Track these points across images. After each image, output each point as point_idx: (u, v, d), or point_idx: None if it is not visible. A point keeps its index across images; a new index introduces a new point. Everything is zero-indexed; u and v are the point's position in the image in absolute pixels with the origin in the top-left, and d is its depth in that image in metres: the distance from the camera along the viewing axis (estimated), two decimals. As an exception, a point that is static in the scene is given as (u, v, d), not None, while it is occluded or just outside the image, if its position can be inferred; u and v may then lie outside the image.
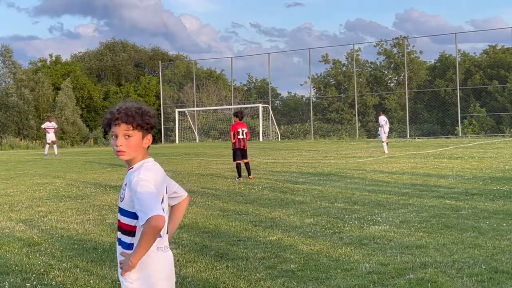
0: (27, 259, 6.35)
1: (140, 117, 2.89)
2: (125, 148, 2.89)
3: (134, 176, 2.82)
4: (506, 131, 36.75)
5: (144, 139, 2.92)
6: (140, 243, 2.73)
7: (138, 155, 2.92)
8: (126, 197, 2.86)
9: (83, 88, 56.37)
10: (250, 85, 60.44)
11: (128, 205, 2.85)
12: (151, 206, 2.71)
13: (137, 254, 2.74)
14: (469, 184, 11.67)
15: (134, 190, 2.77)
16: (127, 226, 2.88)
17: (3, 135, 44.14)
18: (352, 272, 5.47)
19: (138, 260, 2.76)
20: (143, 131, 2.91)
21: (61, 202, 10.76)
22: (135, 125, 2.88)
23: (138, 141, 2.90)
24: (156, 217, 2.68)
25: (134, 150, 2.90)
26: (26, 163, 22.25)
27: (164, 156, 23.57)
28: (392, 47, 51.34)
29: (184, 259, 6.18)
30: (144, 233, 2.70)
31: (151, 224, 2.67)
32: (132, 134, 2.89)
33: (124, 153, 2.90)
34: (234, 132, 14.28)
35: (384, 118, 22.59)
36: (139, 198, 2.74)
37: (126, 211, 2.87)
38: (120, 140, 2.89)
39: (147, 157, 2.95)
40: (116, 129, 2.90)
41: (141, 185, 2.76)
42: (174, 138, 45.61)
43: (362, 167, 15.69)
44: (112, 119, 2.93)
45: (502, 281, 5.05)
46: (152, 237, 2.72)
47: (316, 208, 9.27)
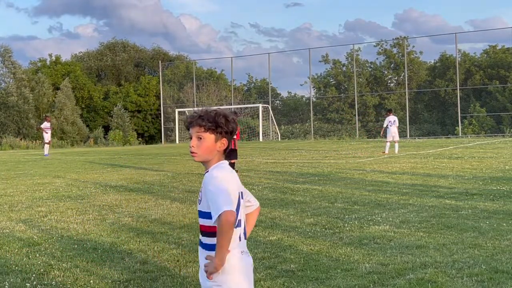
0: (27, 259, 6.35)
1: (213, 119, 2.92)
2: (197, 149, 2.94)
3: (207, 176, 2.88)
4: (506, 131, 36.75)
5: (218, 142, 2.94)
6: (217, 241, 2.77)
7: (211, 158, 2.96)
8: (203, 199, 2.90)
9: (83, 88, 56.37)
10: (250, 85, 60.48)
11: (205, 205, 2.88)
12: (221, 202, 2.75)
13: (217, 253, 2.78)
14: (469, 184, 11.66)
15: (206, 189, 2.83)
16: (207, 227, 2.90)
17: (3, 134, 44.14)
18: (352, 272, 5.47)
19: (221, 259, 2.79)
20: (216, 134, 2.93)
21: (61, 202, 10.76)
22: (206, 127, 2.91)
23: (210, 144, 2.93)
24: (226, 212, 2.72)
25: (206, 152, 2.94)
26: (26, 163, 22.25)
27: (164, 156, 23.57)
28: (392, 47, 51.35)
29: (184, 259, 6.18)
30: (218, 231, 2.75)
31: (222, 219, 2.72)
32: (204, 136, 2.93)
33: (195, 154, 2.95)
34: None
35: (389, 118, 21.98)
36: (210, 197, 2.79)
37: (204, 212, 2.90)
38: (193, 141, 2.95)
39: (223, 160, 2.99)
40: (191, 130, 2.97)
41: (212, 183, 2.82)
42: (174, 138, 45.60)
43: (362, 167, 15.69)
44: (189, 121, 3.00)
45: (502, 281, 5.05)
46: (225, 233, 2.75)
47: (316, 208, 9.27)
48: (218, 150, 2.96)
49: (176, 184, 13.32)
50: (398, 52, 50.41)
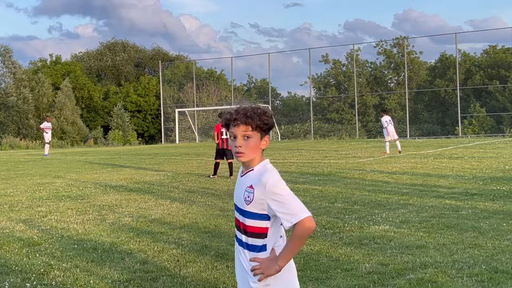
0: (27, 259, 6.35)
1: (259, 117, 2.85)
2: (244, 149, 2.86)
3: (267, 179, 2.78)
4: (506, 131, 36.74)
5: (262, 140, 2.90)
6: (291, 246, 2.74)
7: (256, 156, 2.89)
8: (256, 200, 2.79)
9: (83, 88, 56.37)
10: (250, 85, 60.48)
11: (258, 207, 2.80)
12: (300, 208, 2.73)
13: (286, 257, 2.75)
14: (469, 184, 11.66)
15: (272, 192, 2.74)
16: (257, 228, 2.83)
17: (2, 134, 44.14)
18: (352, 272, 5.47)
19: (286, 263, 2.76)
20: (261, 132, 2.88)
21: (61, 202, 10.76)
22: (254, 126, 2.85)
23: (257, 142, 2.87)
24: (308, 219, 2.71)
25: (253, 151, 2.87)
26: (26, 163, 22.25)
27: (164, 156, 23.57)
28: (392, 47, 51.35)
29: (184, 259, 6.18)
30: (295, 236, 2.71)
31: (305, 226, 2.70)
32: (251, 135, 2.86)
33: (243, 154, 2.87)
34: (218, 132, 14.62)
35: (385, 118, 22.19)
36: (281, 201, 2.73)
37: (255, 213, 2.82)
38: (239, 141, 2.86)
39: (264, 158, 2.93)
40: (235, 130, 2.87)
41: (279, 187, 2.76)
42: (174, 138, 45.60)
43: (362, 167, 15.69)
44: (231, 120, 2.89)
45: (502, 281, 5.05)
46: (305, 239, 2.74)
47: (316, 208, 9.27)
48: (262, 148, 2.92)
49: (176, 184, 13.32)
50: (398, 52, 50.41)
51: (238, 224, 2.92)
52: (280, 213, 2.73)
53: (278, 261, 2.74)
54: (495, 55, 47.85)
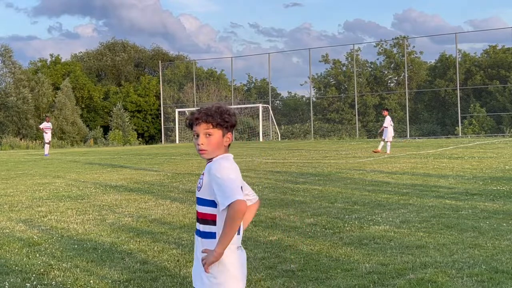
0: (27, 259, 6.35)
1: (219, 115, 2.97)
2: (206, 146, 2.98)
3: (214, 164, 2.91)
4: (506, 131, 36.75)
5: (225, 137, 3.00)
6: (224, 230, 2.79)
7: (219, 153, 3.00)
8: (205, 185, 2.94)
9: (83, 88, 56.39)
10: (250, 85, 60.50)
11: (206, 193, 2.93)
12: (233, 191, 2.78)
13: (222, 241, 2.80)
14: (469, 184, 11.66)
15: (214, 176, 2.85)
16: (206, 215, 2.94)
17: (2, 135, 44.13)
18: (352, 272, 5.47)
19: (223, 249, 2.81)
20: (223, 129, 2.99)
21: (61, 202, 10.76)
22: (215, 123, 2.97)
23: (218, 139, 2.99)
24: (239, 201, 2.75)
25: (215, 148, 2.99)
26: (26, 163, 22.25)
27: (164, 156, 23.57)
28: (392, 47, 51.37)
29: (184, 259, 6.18)
30: (227, 218, 2.76)
31: (234, 208, 2.74)
32: (212, 132, 2.98)
33: (205, 151, 2.99)
34: None
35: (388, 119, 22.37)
36: (220, 184, 2.81)
37: (205, 199, 2.94)
38: (201, 139, 2.99)
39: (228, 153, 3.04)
40: (197, 128, 3.00)
41: (221, 172, 2.85)
42: (174, 138, 45.60)
43: (362, 167, 15.69)
44: (193, 119, 3.02)
45: (502, 281, 5.05)
46: (236, 222, 2.77)
47: (316, 208, 9.27)
48: (225, 144, 3.02)
49: (176, 184, 13.32)
50: (398, 52, 50.43)
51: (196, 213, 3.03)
52: (218, 195, 2.82)
53: (216, 248, 2.81)
54: (495, 55, 47.86)
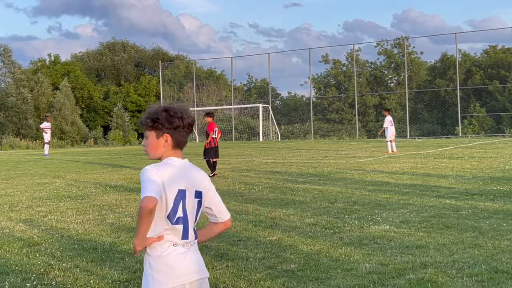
0: (27, 259, 6.35)
1: (152, 116, 2.94)
2: (146, 148, 3.01)
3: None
4: (506, 131, 36.75)
5: (160, 138, 2.95)
6: (137, 223, 2.83)
7: (160, 155, 2.98)
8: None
9: (83, 88, 56.35)
10: (250, 85, 60.50)
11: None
12: (144, 189, 2.79)
13: (136, 235, 2.84)
14: (469, 184, 11.66)
15: (140, 180, 2.87)
16: None
17: (2, 135, 44.12)
18: (352, 272, 5.47)
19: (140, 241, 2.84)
20: (156, 130, 2.94)
21: (61, 202, 10.76)
22: (147, 125, 2.96)
23: (152, 141, 2.96)
24: (145, 198, 2.75)
25: (152, 149, 2.97)
26: (26, 163, 22.25)
27: (164, 156, 23.54)
28: (393, 47, 51.37)
29: (184, 259, 6.18)
30: (138, 214, 2.80)
31: (140, 205, 2.76)
32: (147, 134, 2.98)
33: (146, 152, 3.02)
34: (212, 132, 15.11)
35: (389, 118, 22.30)
36: (142, 186, 2.84)
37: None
38: (143, 141, 3.04)
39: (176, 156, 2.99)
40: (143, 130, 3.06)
41: (143, 174, 2.86)
42: (174, 138, 45.55)
43: (362, 167, 15.69)
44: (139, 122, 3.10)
45: (502, 281, 5.05)
46: (142, 217, 2.77)
47: (316, 208, 9.27)
48: (163, 146, 2.96)
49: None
50: (399, 52, 50.42)
51: None
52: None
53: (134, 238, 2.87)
54: (495, 55, 47.86)
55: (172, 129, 2.94)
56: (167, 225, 2.88)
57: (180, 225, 2.91)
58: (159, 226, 2.87)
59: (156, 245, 2.88)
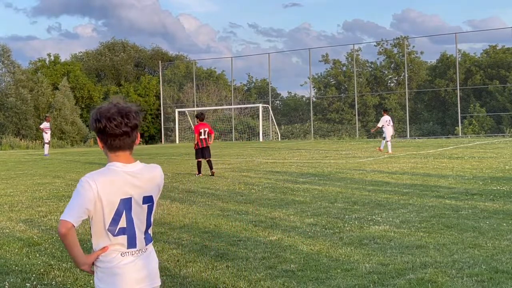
0: (27, 259, 6.35)
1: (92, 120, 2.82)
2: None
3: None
4: (506, 131, 36.75)
5: (98, 141, 2.86)
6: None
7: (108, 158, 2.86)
8: None
9: (83, 88, 56.35)
10: (250, 85, 60.48)
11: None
12: (66, 207, 2.69)
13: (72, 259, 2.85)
14: (469, 184, 11.66)
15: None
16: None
17: (2, 135, 44.10)
18: (352, 272, 5.47)
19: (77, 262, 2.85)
20: (96, 133, 2.82)
21: (61, 202, 10.76)
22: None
23: (99, 144, 2.87)
24: (60, 221, 2.67)
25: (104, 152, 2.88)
26: (26, 163, 22.25)
27: (164, 156, 23.57)
28: (393, 47, 51.35)
29: (184, 259, 6.18)
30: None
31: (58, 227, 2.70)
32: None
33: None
34: (198, 134, 15.51)
35: (386, 118, 22.43)
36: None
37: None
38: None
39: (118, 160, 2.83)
40: None
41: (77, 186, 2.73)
42: (174, 138, 45.60)
43: (362, 167, 15.69)
44: None
45: (502, 281, 5.05)
46: (62, 241, 2.73)
47: (316, 208, 9.27)
48: (103, 149, 2.86)
49: (176, 184, 13.32)
50: (399, 52, 50.41)
51: None
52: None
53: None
54: (495, 55, 47.85)
55: (99, 133, 2.80)
56: (109, 238, 2.77)
57: (124, 236, 2.77)
58: (101, 239, 2.79)
59: (103, 256, 2.80)
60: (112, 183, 2.74)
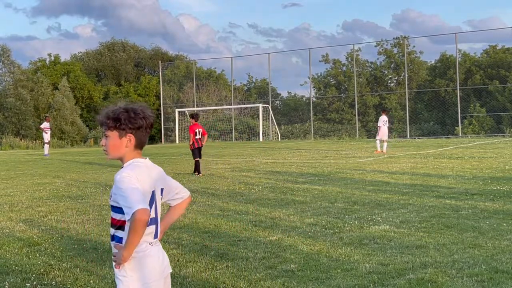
0: (27, 259, 6.35)
1: (114, 116, 2.93)
2: (106, 148, 3.00)
3: (118, 175, 2.90)
4: (506, 131, 36.75)
5: (123, 138, 2.95)
6: (129, 237, 2.82)
7: (122, 155, 2.99)
8: (113, 194, 2.95)
9: (83, 88, 56.36)
10: (250, 85, 60.46)
11: (115, 201, 2.94)
12: (134, 200, 2.78)
13: (128, 247, 2.84)
14: (469, 184, 11.66)
15: (118, 187, 2.85)
16: (117, 221, 2.99)
17: (2, 135, 44.10)
18: (352, 272, 5.47)
19: (130, 253, 2.85)
20: (119, 131, 2.95)
21: (61, 202, 10.76)
22: (109, 125, 2.95)
23: (115, 141, 2.96)
24: (140, 210, 2.74)
25: (113, 150, 2.98)
26: (26, 163, 22.25)
27: (164, 156, 23.57)
28: (393, 47, 51.35)
29: (184, 259, 6.18)
30: (131, 227, 2.79)
31: (136, 218, 2.75)
32: (109, 134, 2.97)
33: (106, 152, 3.01)
34: (193, 134, 15.81)
35: (383, 118, 22.43)
36: (123, 195, 2.82)
37: (115, 207, 2.97)
38: (102, 141, 3.03)
39: (139, 156, 3.00)
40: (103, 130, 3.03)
41: (123, 181, 2.84)
42: (174, 138, 45.60)
43: (362, 167, 15.69)
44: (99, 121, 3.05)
45: (502, 281, 5.06)
46: (138, 230, 2.79)
47: (316, 208, 9.27)
48: (126, 146, 2.97)
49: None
50: (399, 52, 50.41)
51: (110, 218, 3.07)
52: (123, 206, 2.84)
53: (122, 251, 2.87)
54: (495, 55, 47.84)
55: (135, 129, 2.95)
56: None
57: (153, 226, 2.96)
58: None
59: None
60: (145, 176, 2.93)
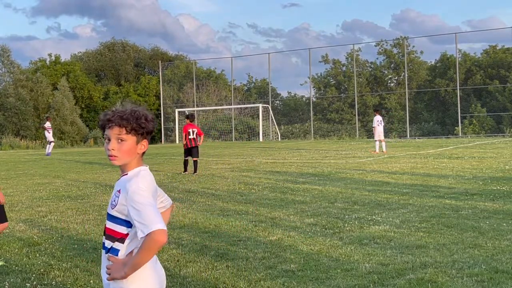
0: (27, 259, 6.35)
1: (135, 120, 2.72)
2: (117, 152, 2.73)
3: (131, 185, 2.67)
4: (506, 131, 36.75)
5: (139, 144, 2.76)
6: (139, 256, 2.61)
7: (131, 161, 2.77)
8: (120, 204, 2.70)
9: (83, 88, 56.35)
10: (250, 85, 60.47)
11: (121, 212, 2.71)
12: (153, 219, 2.58)
13: (134, 266, 2.63)
14: (469, 184, 11.66)
15: (132, 199, 2.62)
16: (117, 233, 2.74)
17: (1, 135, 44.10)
18: (352, 272, 5.47)
19: (131, 273, 2.65)
20: (138, 135, 2.74)
21: (61, 202, 10.76)
22: (129, 128, 2.71)
23: (131, 146, 2.74)
24: (159, 231, 2.56)
25: (127, 155, 2.74)
26: (26, 163, 22.24)
27: (164, 156, 23.56)
28: (392, 47, 51.35)
29: (184, 259, 6.18)
30: (145, 247, 2.59)
31: (154, 239, 2.56)
32: (125, 138, 2.73)
33: (116, 157, 2.74)
34: (186, 134, 16.26)
35: (377, 118, 22.31)
36: (139, 210, 2.60)
37: (118, 218, 2.73)
38: (113, 144, 2.73)
39: (142, 164, 2.81)
40: (109, 132, 2.74)
41: (140, 195, 2.63)
42: (174, 138, 45.62)
43: (362, 167, 15.69)
44: (105, 121, 2.76)
45: (502, 281, 5.05)
46: (153, 252, 2.64)
47: (316, 208, 9.27)
48: (138, 152, 2.77)
49: (176, 184, 13.32)
50: (398, 52, 50.41)
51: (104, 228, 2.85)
52: (136, 221, 2.60)
53: (125, 268, 2.65)
54: (495, 55, 47.85)
55: (148, 135, 2.80)
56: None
57: None
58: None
59: None
60: (151, 187, 2.75)
